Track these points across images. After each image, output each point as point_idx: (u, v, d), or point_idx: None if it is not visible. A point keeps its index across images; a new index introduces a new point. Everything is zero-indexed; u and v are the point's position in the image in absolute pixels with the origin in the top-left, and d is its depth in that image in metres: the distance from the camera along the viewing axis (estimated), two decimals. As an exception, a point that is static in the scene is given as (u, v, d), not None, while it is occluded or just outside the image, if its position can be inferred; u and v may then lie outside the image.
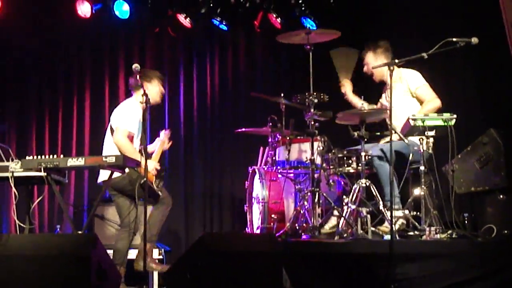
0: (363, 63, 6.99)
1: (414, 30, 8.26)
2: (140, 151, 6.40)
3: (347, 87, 7.09)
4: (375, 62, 6.77)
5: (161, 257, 7.50)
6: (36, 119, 8.44)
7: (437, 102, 6.60)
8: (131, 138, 6.57)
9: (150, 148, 6.91)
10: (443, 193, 6.21)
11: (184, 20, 8.92)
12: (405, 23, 8.44)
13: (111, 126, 6.67)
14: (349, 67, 7.10)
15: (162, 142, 7.08)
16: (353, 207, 6.26)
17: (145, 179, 5.74)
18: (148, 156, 6.52)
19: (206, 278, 4.80)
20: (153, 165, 6.55)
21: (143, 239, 5.81)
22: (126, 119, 6.57)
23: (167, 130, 7.25)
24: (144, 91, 5.97)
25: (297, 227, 6.61)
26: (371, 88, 7.22)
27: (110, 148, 6.60)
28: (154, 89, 6.78)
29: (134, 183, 6.25)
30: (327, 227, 6.61)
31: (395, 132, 6.14)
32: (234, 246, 5.12)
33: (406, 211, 6.27)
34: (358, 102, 6.93)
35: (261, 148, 7.97)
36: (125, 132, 6.53)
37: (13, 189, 6.08)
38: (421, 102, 6.69)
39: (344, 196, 6.51)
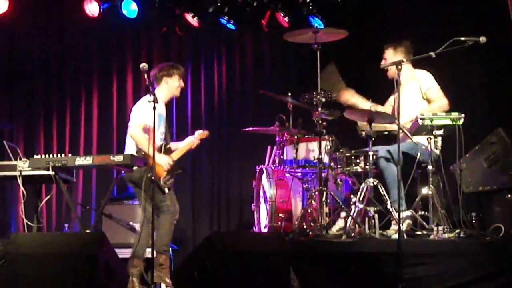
0: (383, 57, 6.93)
1: (422, 29, 8.24)
2: (160, 146, 6.45)
3: (349, 94, 7.05)
4: (393, 59, 6.68)
5: (168, 256, 7.50)
6: (44, 118, 8.46)
7: (443, 101, 6.58)
8: (148, 131, 6.58)
9: (177, 144, 6.96)
10: (451, 193, 6.21)
11: (191, 19, 8.91)
12: (413, 22, 8.42)
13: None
14: (336, 81, 7.10)
15: (191, 141, 7.05)
16: (361, 206, 6.26)
17: (151, 174, 5.73)
18: (169, 152, 6.53)
19: (214, 277, 4.81)
20: (165, 160, 6.52)
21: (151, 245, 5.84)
22: (141, 112, 6.55)
23: (205, 130, 7.27)
24: (153, 90, 6.02)
25: (305, 226, 6.61)
26: (379, 91, 7.21)
27: (130, 145, 6.62)
28: (174, 84, 6.77)
29: (143, 176, 6.26)
30: (334, 230, 6.60)
31: (403, 131, 6.13)
32: (242, 245, 5.13)
33: (412, 212, 6.26)
34: (366, 103, 6.90)
35: (269, 147, 7.97)
36: (140, 125, 6.51)
37: (21, 188, 6.10)
38: (428, 102, 6.68)
39: (352, 196, 6.51)
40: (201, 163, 9.13)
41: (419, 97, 6.71)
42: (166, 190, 6.52)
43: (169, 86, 6.72)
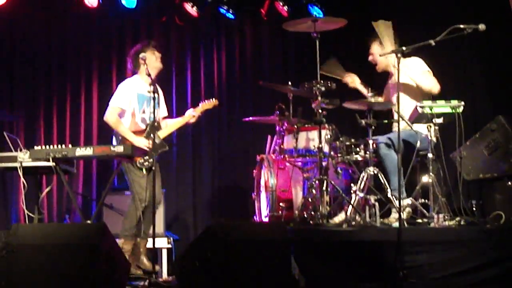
0: (369, 52, 6.99)
1: (422, 17, 8.22)
2: (146, 126, 6.50)
3: (353, 77, 7.11)
4: (381, 51, 6.78)
5: (170, 245, 7.53)
6: (44, 109, 8.47)
7: (432, 82, 6.58)
8: (128, 115, 6.68)
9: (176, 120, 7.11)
10: (451, 180, 6.21)
11: (191, 8, 8.90)
12: (412, 10, 8.40)
13: None
14: (339, 69, 7.15)
15: (189, 115, 7.21)
16: (361, 195, 6.26)
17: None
18: (156, 130, 6.58)
19: (215, 266, 4.82)
20: (143, 143, 6.59)
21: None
22: (115, 97, 6.75)
23: (212, 100, 7.42)
24: (147, 69, 6.31)
25: (305, 215, 6.61)
26: (377, 78, 7.21)
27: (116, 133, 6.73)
28: (151, 59, 6.79)
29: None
30: (336, 220, 6.61)
31: (403, 120, 6.13)
32: (242, 235, 5.13)
33: (412, 200, 6.27)
34: (365, 92, 6.95)
35: (269, 137, 7.96)
36: (115, 109, 6.69)
37: (22, 179, 6.11)
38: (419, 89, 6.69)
39: (352, 184, 6.52)
40: (201, 152, 9.14)
41: (412, 84, 6.71)
42: (144, 171, 6.54)
43: (150, 64, 6.69)
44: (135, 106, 6.71)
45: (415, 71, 6.69)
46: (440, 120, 6.07)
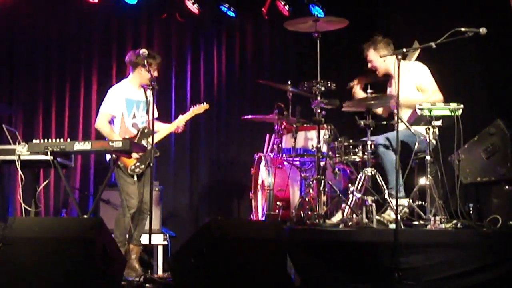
0: (366, 61, 6.98)
1: (423, 19, 8.22)
2: (138, 130, 6.49)
3: (357, 87, 7.10)
4: (378, 57, 6.78)
5: (166, 242, 7.52)
6: (43, 103, 8.45)
7: (438, 96, 6.57)
8: (118, 120, 6.67)
9: (162, 126, 7.03)
10: (449, 183, 6.21)
11: (192, 6, 8.89)
12: (414, 11, 8.41)
13: None
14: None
15: (175, 124, 7.07)
16: (359, 195, 6.26)
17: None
18: (147, 136, 6.51)
19: (211, 263, 4.82)
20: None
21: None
22: (105, 103, 6.71)
23: (203, 104, 7.35)
24: (151, 75, 6.29)
25: (302, 215, 6.62)
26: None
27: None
28: (146, 75, 6.75)
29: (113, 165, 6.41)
30: (334, 220, 6.61)
31: (402, 122, 6.13)
32: (239, 233, 5.13)
33: (409, 202, 6.27)
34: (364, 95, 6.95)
35: (267, 135, 7.97)
36: (104, 115, 6.66)
37: (20, 172, 6.10)
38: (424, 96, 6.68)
39: (350, 185, 6.52)
40: (199, 150, 9.14)
41: (413, 88, 6.70)
42: (135, 178, 6.54)
43: (141, 76, 6.70)
44: (124, 111, 6.68)
45: (421, 79, 6.66)
46: (439, 123, 6.07)
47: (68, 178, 7.89)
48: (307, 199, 6.64)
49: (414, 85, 6.69)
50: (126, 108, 6.66)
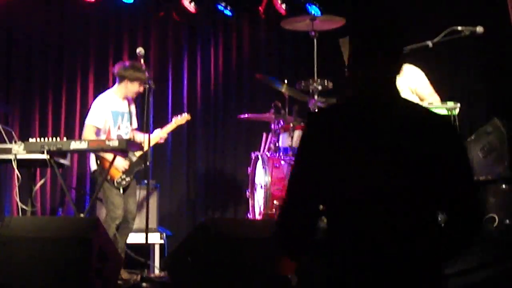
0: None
1: (420, 18, 8.22)
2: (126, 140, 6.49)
3: None
4: None
5: (162, 241, 7.52)
6: (39, 102, 8.44)
7: (435, 98, 6.56)
8: (104, 132, 6.71)
9: (142, 136, 7.01)
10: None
11: (188, 4, 8.89)
12: (411, 10, 8.40)
13: None
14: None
15: (157, 136, 7.21)
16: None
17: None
18: (137, 147, 6.50)
19: (207, 262, 4.82)
20: (121, 163, 6.64)
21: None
22: (90, 115, 6.76)
23: (184, 114, 7.45)
24: (148, 82, 6.38)
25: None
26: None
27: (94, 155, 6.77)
28: (133, 89, 6.77)
29: (97, 177, 6.53)
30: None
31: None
32: (236, 232, 5.13)
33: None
34: None
35: (264, 134, 7.96)
36: (90, 128, 6.69)
37: (16, 171, 6.09)
38: (421, 100, 6.67)
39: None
40: (196, 150, 9.13)
41: (407, 91, 6.69)
42: (121, 190, 6.57)
43: (127, 89, 6.79)
44: (110, 123, 6.70)
45: (416, 84, 6.66)
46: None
47: (65, 177, 7.88)
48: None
49: (408, 89, 6.68)
50: (112, 120, 6.70)
